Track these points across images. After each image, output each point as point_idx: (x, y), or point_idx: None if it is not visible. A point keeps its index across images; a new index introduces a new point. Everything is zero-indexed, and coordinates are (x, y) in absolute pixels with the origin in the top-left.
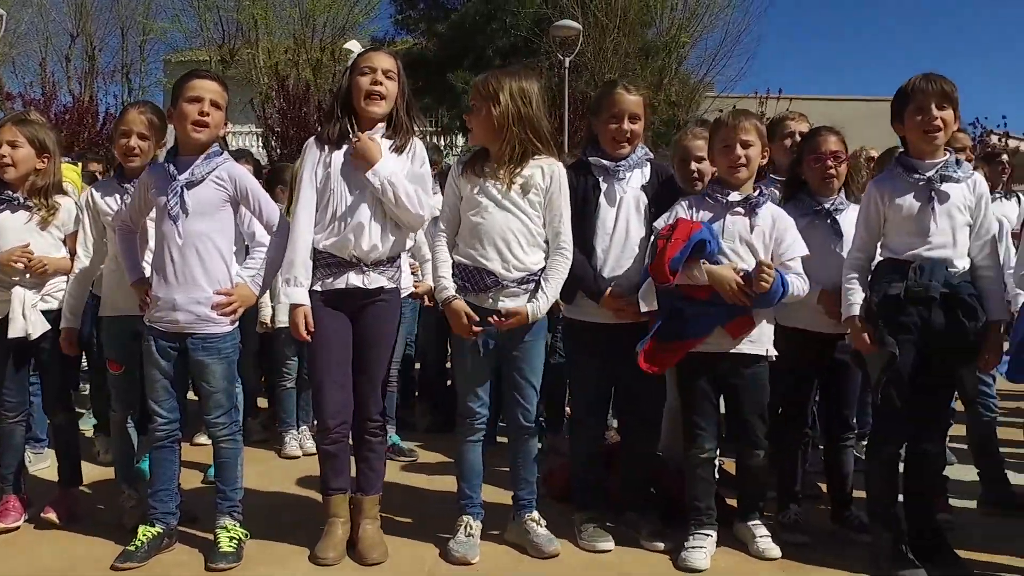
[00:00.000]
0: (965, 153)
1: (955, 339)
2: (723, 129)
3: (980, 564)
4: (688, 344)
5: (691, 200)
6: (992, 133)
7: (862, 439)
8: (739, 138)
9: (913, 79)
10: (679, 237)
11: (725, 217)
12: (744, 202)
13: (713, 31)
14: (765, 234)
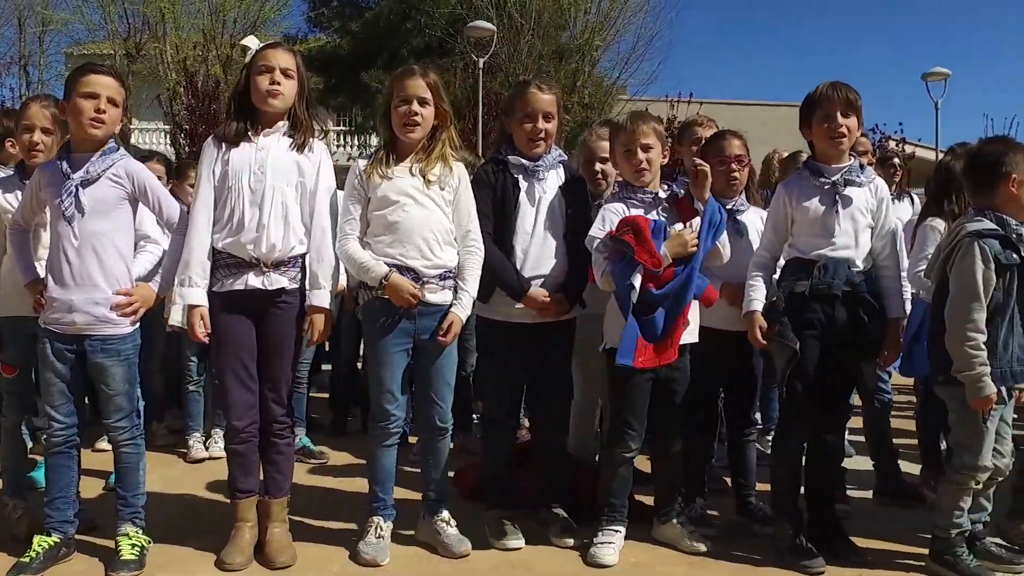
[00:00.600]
0: (867, 157)
1: (856, 335)
2: (623, 134)
3: (875, 551)
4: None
5: (618, 205)
6: (890, 139)
7: (767, 434)
8: (639, 142)
9: (820, 87)
10: (646, 226)
11: (656, 212)
12: (668, 198)
13: (626, 35)
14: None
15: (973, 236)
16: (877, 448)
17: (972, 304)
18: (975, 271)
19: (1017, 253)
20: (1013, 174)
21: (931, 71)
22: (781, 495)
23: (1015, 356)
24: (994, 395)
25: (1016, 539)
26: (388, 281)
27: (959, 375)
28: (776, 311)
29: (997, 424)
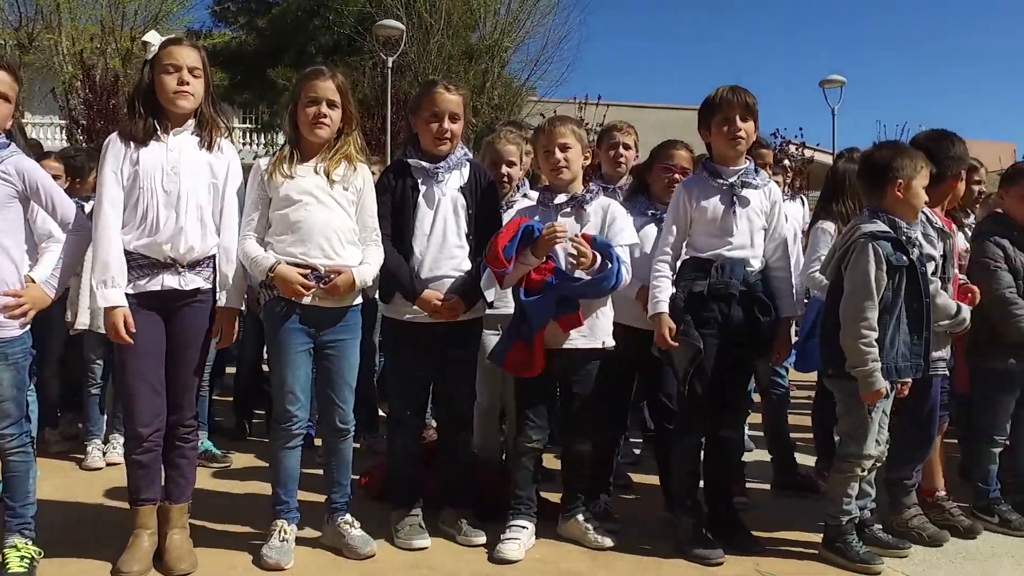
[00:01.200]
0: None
1: (751, 334)
2: (543, 136)
3: (772, 540)
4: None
5: (523, 211)
6: (791, 143)
7: None
8: (557, 142)
9: (720, 91)
10: (509, 229)
11: (556, 219)
12: (571, 201)
13: (535, 36)
14: (596, 228)
15: (867, 238)
16: (774, 442)
17: (865, 303)
18: (868, 272)
19: (906, 255)
20: (899, 179)
21: (828, 78)
22: (681, 490)
23: (900, 353)
24: (884, 389)
25: (898, 528)
26: (274, 272)
27: (852, 370)
28: (677, 310)
29: (880, 415)
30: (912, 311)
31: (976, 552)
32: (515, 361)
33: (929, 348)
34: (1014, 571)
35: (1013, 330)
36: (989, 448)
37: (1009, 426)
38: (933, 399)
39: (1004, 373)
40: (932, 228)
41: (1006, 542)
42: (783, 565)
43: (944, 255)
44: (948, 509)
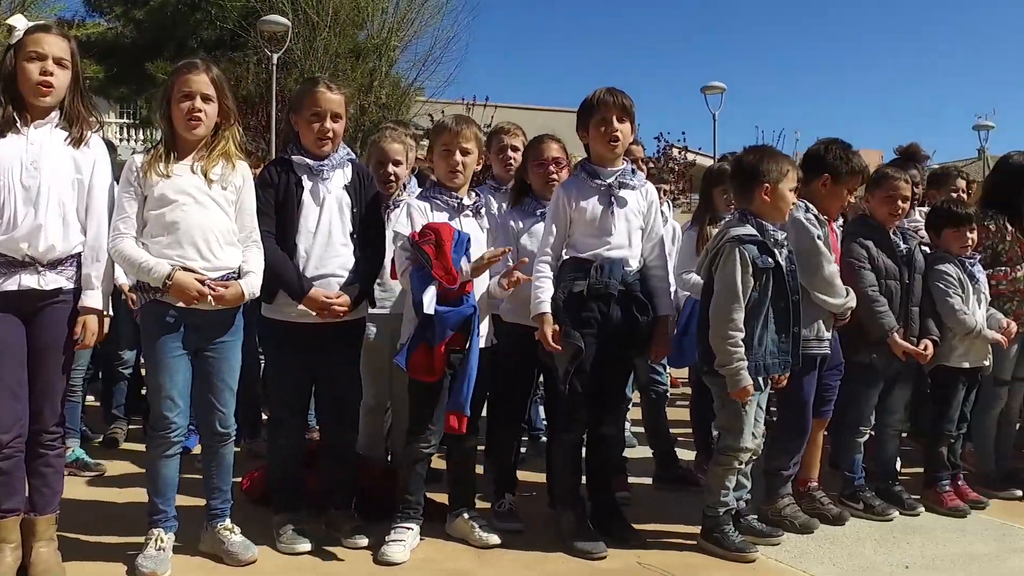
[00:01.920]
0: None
1: (630, 332)
2: (445, 134)
3: (653, 533)
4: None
5: (424, 204)
6: (673, 147)
7: None
8: (460, 145)
9: (597, 92)
10: (448, 238)
11: (460, 219)
12: (473, 206)
13: (423, 36)
14: (485, 236)
15: (735, 242)
16: (655, 438)
17: (732, 304)
18: (735, 275)
19: (772, 257)
20: (766, 182)
21: (709, 85)
22: (563, 486)
23: (767, 350)
24: (750, 386)
25: (772, 516)
26: (172, 281)
27: (720, 368)
28: (558, 310)
29: (755, 409)
30: (779, 310)
31: (843, 537)
32: (417, 365)
33: (798, 344)
34: (876, 553)
35: (875, 326)
36: (855, 439)
37: (873, 417)
38: (806, 391)
39: (868, 367)
40: (812, 214)
41: (870, 526)
42: (664, 557)
43: (823, 238)
44: (819, 498)
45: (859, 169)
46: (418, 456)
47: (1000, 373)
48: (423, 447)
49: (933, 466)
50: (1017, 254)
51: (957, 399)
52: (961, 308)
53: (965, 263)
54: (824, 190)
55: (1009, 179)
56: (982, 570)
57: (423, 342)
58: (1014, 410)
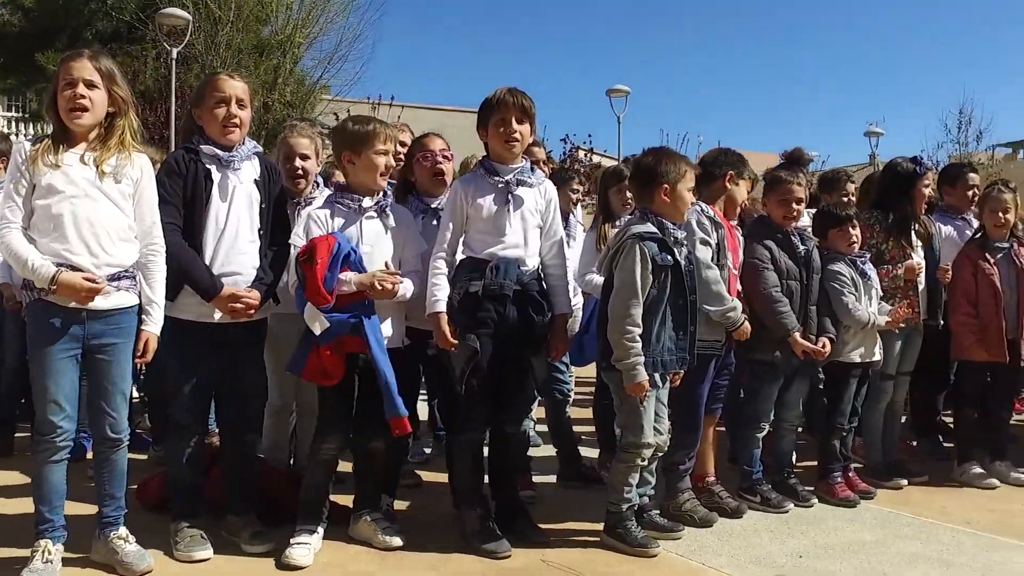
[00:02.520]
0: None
1: (527, 332)
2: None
3: (558, 531)
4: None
5: (323, 213)
6: (579, 149)
7: None
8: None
9: (498, 92)
10: (322, 257)
11: (360, 222)
12: (375, 206)
13: (329, 33)
14: (395, 232)
15: (635, 239)
16: (558, 437)
17: (631, 300)
18: (635, 271)
19: (672, 255)
20: (665, 183)
21: (614, 88)
22: (464, 486)
23: (665, 347)
24: (646, 381)
25: (673, 511)
26: (58, 282)
27: (617, 364)
28: (453, 310)
29: (655, 405)
30: (677, 308)
31: (741, 530)
32: (314, 370)
33: (694, 342)
34: (771, 544)
35: (778, 326)
36: (754, 434)
37: (772, 413)
38: (700, 389)
39: (770, 365)
40: (706, 217)
41: (766, 518)
42: (568, 554)
43: (718, 243)
44: (717, 492)
45: (753, 174)
46: (322, 457)
47: (886, 368)
48: (328, 448)
49: (826, 459)
50: (899, 254)
51: (849, 394)
52: (855, 305)
53: (856, 261)
54: (726, 188)
55: (893, 183)
56: (869, 556)
57: (314, 345)
58: (899, 404)
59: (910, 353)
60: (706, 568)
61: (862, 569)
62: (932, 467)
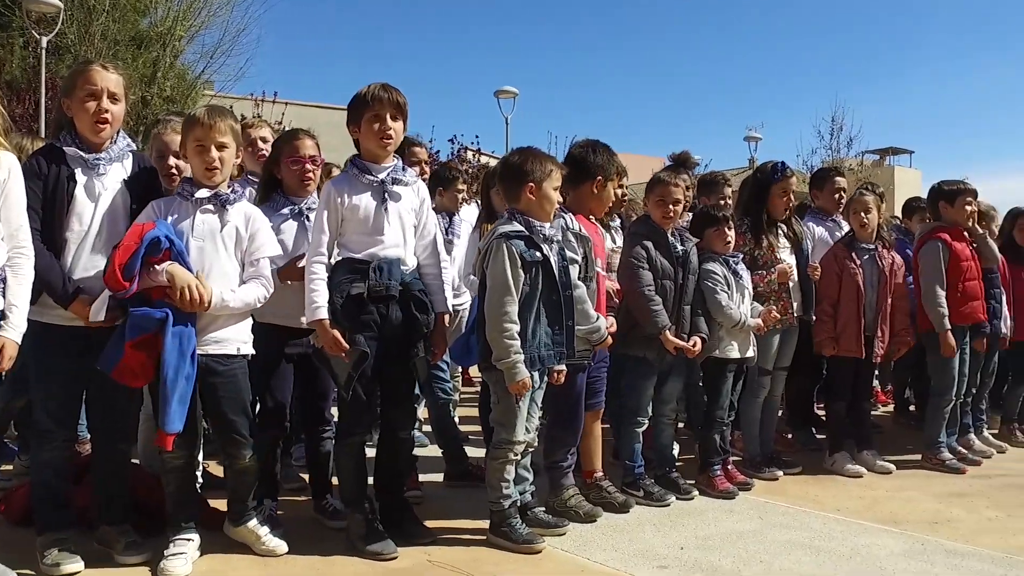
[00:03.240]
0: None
1: (410, 332)
2: (198, 128)
3: (445, 530)
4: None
5: (162, 202)
6: (467, 149)
7: None
8: (216, 140)
9: (372, 88)
10: (129, 240)
11: (195, 215)
12: (214, 199)
13: (212, 27)
14: (238, 231)
15: (501, 238)
16: (443, 436)
17: (504, 298)
18: (505, 269)
19: (540, 251)
20: (531, 181)
21: (502, 89)
22: (349, 488)
23: (543, 343)
24: (527, 379)
25: (558, 508)
26: None
27: (497, 363)
28: (336, 314)
29: (529, 404)
30: (551, 303)
31: (625, 524)
32: (124, 369)
33: (572, 337)
34: (654, 537)
35: (649, 323)
36: (634, 429)
37: (651, 407)
38: (579, 385)
39: (644, 361)
40: (572, 235)
41: (649, 512)
42: (453, 553)
43: (585, 256)
44: (605, 488)
45: (623, 169)
46: (170, 466)
47: (763, 363)
48: (176, 454)
49: (706, 452)
50: (771, 258)
51: (726, 388)
52: (728, 303)
53: (729, 261)
54: (596, 192)
55: (753, 187)
56: (747, 545)
57: (127, 342)
58: (776, 398)
59: (786, 349)
60: (591, 562)
61: (740, 558)
62: (806, 458)
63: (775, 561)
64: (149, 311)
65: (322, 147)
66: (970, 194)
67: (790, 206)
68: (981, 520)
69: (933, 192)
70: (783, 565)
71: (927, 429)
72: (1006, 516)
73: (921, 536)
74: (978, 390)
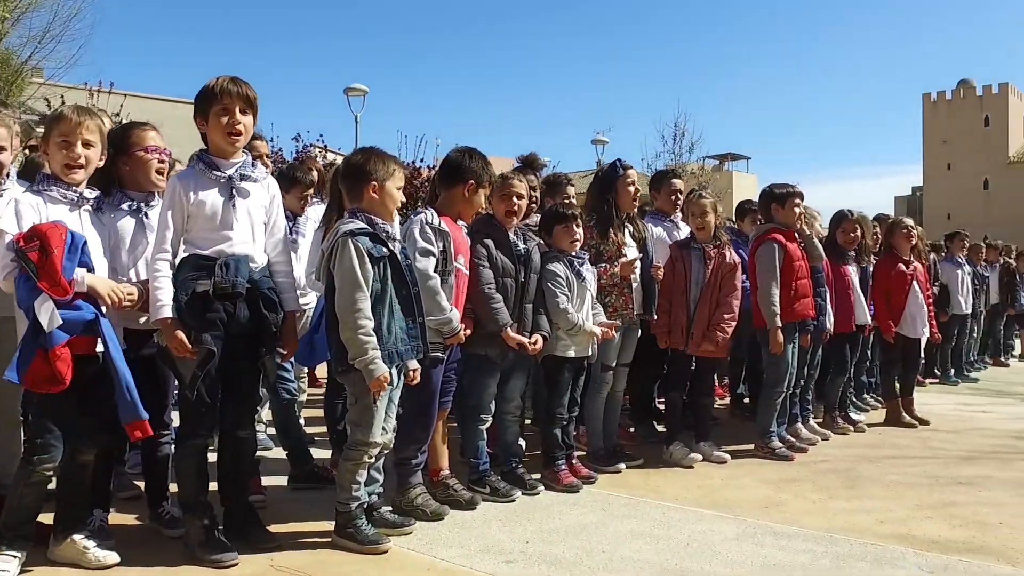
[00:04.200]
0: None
1: (258, 330)
2: (63, 123)
3: (289, 534)
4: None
5: (35, 199)
6: (314, 146)
7: None
8: (82, 137)
9: (221, 80)
10: (57, 245)
11: (80, 213)
12: (95, 200)
13: (40, 9)
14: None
15: (347, 235)
16: (287, 438)
17: (357, 295)
18: (353, 266)
19: (386, 247)
20: (373, 180)
21: (352, 87)
22: (189, 493)
23: (397, 336)
24: (387, 375)
25: (405, 507)
26: None
27: (355, 362)
28: (181, 312)
29: (386, 404)
30: (402, 298)
31: (472, 520)
32: (37, 376)
33: (425, 332)
34: (500, 532)
35: (491, 321)
36: (478, 426)
37: (493, 405)
38: (435, 381)
39: (486, 359)
40: (430, 228)
41: (496, 508)
42: (298, 557)
43: (444, 251)
44: (452, 485)
45: (495, 178)
46: (36, 479)
47: (605, 360)
48: (45, 467)
49: (549, 447)
50: (615, 252)
51: (566, 384)
52: (567, 306)
53: (574, 262)
54: (467, 196)
55: (600, 183)
56: (590, 536)
57: (39, 349)
58: (618, 393)
59: (628, 345)
60: (437, 560)
61: (583, 549)
62: (647, 450)
63: (617, 551)
64: (79, 314)
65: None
66: (799, 196)
67: (636, 197)
68: (806, 503)
69: (764, 195)
70: (624, 554)
71: (759, 420)
72: (828, 498)
73: (752, 520)
74: (804, 382)
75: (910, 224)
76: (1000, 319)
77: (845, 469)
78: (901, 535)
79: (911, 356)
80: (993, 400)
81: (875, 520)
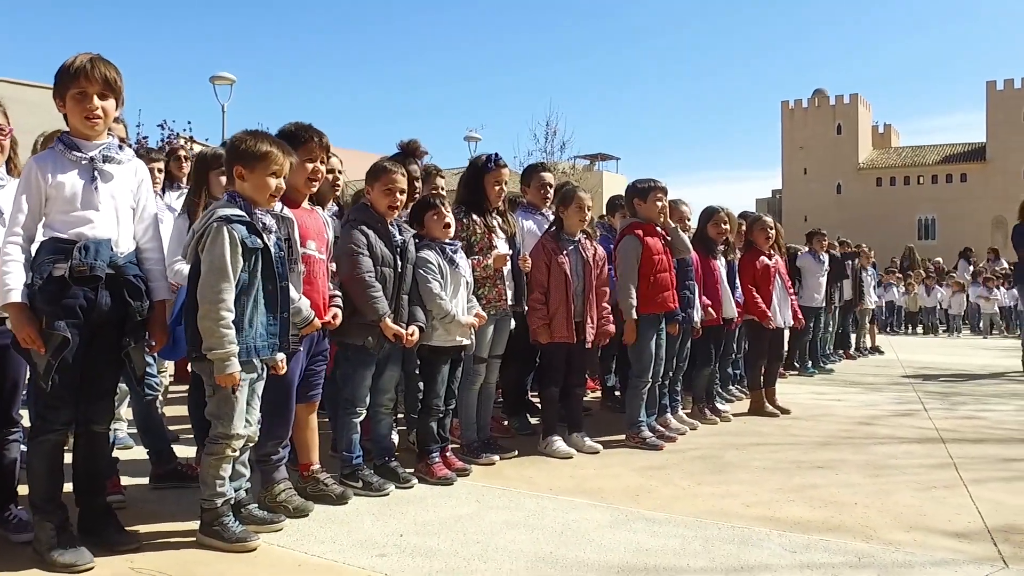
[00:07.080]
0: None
1: (123, 319)
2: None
3: (151, 535)
4: None
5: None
6: (180, 136)
7: None
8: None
9: (80, 59)
10: None
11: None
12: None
13: None
14: None
15: (222, 221)
16: (148, 435)
17: (222, 284)
18: (224, 254)
19: (261, 238)
20: (255, 164)
21: (218, 75)
22: (41, 493)
23: (258, 332)
24: (237, 373)
25: (270, 503)
26: None
27: (209, 353)
28: (35, 297)
29: (248, 395)
30: (268, 292)
31: (343, 515)
32: None
33: (287, 328)
34: (373, 526)
35: (370, 310)
36: (351, 419)
37: (369, 397)
38: (291, 374)
39: (363, 349)
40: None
41: (369, 502)
42: (159, 558)
43: (288, 239)
44: (323, 480)
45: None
46: None
47: (478, 352)
48: None
49: (423, 440)
50: (487, 244)
51: (442, 376)
52: (439, 292)
53: (446, 249)
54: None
55: (471, 176)
56: (465, 528)
57: None
58: (491, 385)
59: (500, 337)
60: (308, 556)
61: (458, 540)
62: (521, 442)
63: (492, 541)
64: None
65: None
66: (660, 191)
67: (503, 195)
68: (676, 490)
69: (629, 190)
70: (499, 544)
71: (628, 410)
72: (696, 484)
73: (624, 507)
74: (673, 374)
75: (769, 221)
76: (849, 315)
77: (712, 456)
78: (766, 517)
79: (775, 348)
80: (845, 390)
81: (741, 504)
